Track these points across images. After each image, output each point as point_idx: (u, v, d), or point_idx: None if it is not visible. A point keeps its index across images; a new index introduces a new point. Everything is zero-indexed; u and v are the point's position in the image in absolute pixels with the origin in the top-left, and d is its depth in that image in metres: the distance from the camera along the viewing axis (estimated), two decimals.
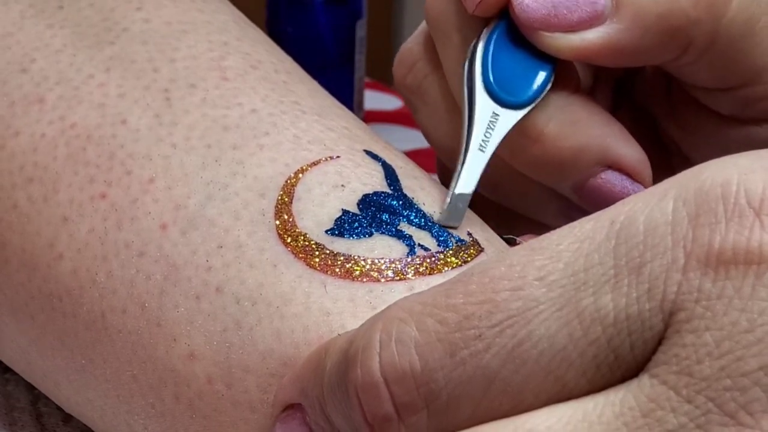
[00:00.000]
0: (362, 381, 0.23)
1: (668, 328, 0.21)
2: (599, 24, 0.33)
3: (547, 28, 0.33)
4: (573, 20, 0.33)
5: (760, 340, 0.20)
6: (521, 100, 0.33)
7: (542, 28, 0.33)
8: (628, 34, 0.33)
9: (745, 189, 0.21)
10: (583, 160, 0.34)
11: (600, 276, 0.22)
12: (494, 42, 0.34)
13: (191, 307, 0.30)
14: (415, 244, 0.30)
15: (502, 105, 0.33)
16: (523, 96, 0.33)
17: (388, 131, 0.78)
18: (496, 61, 0.33)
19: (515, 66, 0.34)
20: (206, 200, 0.31)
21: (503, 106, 0.33)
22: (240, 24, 0.38)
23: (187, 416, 0.30)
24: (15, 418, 0.38)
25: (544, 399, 0.22)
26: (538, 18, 0.33)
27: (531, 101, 0.34)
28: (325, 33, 0.72)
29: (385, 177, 0.32)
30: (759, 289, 0.21)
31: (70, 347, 0.32)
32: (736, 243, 0.21)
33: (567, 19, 0.33)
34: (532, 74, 0.34)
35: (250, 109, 0.33)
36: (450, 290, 0.23)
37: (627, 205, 0.23)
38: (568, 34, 0.33)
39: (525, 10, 0.33)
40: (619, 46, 0.33)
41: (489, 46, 0.34)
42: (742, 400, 0.20)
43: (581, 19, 0.33)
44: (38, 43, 0.35)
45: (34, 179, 0.33)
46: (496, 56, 0.33)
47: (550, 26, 0.33)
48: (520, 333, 0.22)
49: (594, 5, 0.33)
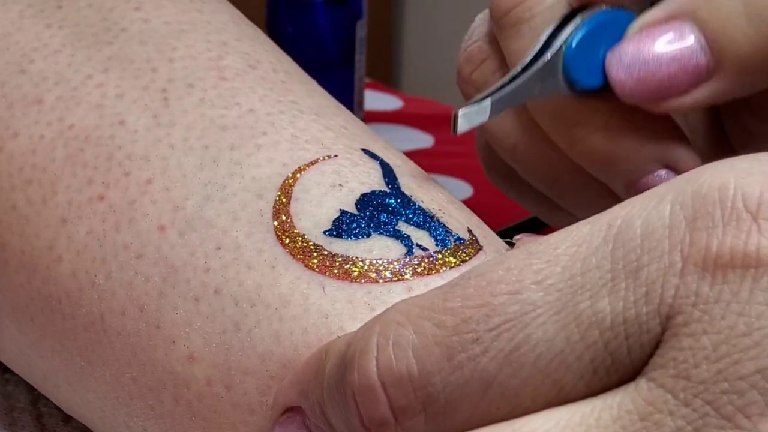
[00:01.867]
0: (359, 384, 0.23)
1: (665, 332, 0.21)
2: (705, 81, 0.33)
3: (651, 104, 0.33)
4: (680, 90, 0.33)
5: (757, 344, 0.20)
6: (586, 84, 0.34)
7: (649, 105, 0.33)
8: (737, 85, 0.33)
9: (743, 193, 0.21)
10: (640, 156, 0.35)
11: (597, 279, 0.22)
12: (588, 27, 0.34)
13: (190, 309, 0.30)
14: (414, 244, 0.30)
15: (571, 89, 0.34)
16: (590, 82, 0.34)
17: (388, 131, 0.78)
18: (578, 47, 0.34)
19: (593, 55, 0.34)
20: (204, 201, 0.31)
21: (569, 87, 0.34)
22: (239, 24, 0.38)
23: (187, 418, 0.30)
24: (15, 419, 0.38)
25: (542, 403, 0.22)
26: (643, 100, 0.33)
27: (596, 88, 0.34)
28: (325, 33, 0.72)
29: (383, 175, 0.32)
30: (756, 292, 0.21)
31: (69, 349, 0.32)
32: (734, 247, 0.21)
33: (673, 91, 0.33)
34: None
35: (248, 108, 0.33)
36: (447, 293, 0.23)
37: (624, 208, 0.23)
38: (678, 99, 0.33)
39: (630, 95, 0.33)
40: (729, 95, 0.33)
41: (583, 27, 0.34)
42: (739, 403, 0.20)
43: (687, 89, 0.33)
44: (37, 44, 0.35)
45: (33, 181, 0.33)
46: (582, 41, 0.34)
47: (656, 103, 0.33)
48: (518, 336, 0.22)
49: (696, 75, 0.33)
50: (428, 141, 0.78)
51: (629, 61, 0.33)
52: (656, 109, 0.33)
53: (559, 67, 0.33)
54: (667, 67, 0.32)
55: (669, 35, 0.33)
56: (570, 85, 0.34)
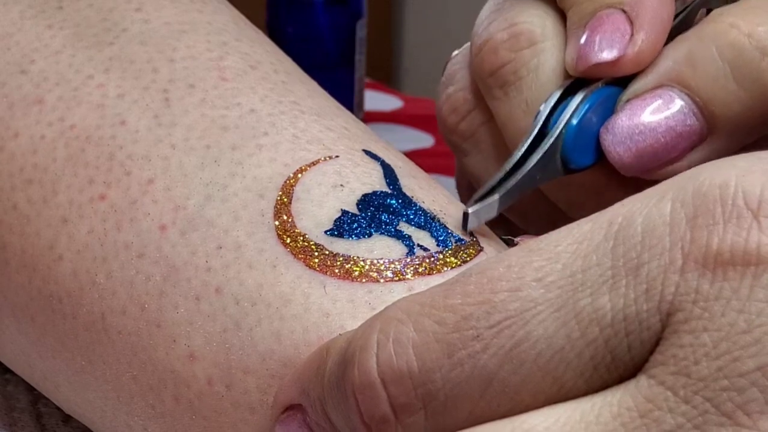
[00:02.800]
0: (359, 381, 0.23)
1: (666, 329, 0.21)
2: (699, 145, 0.33)
3: (652, 174, 0.33)
4: (676, 157, 0.33)
5: (757, 341, 0.20)
6: (581, 164, 0.34)
7: (647, 175, 0.33)
8: (731, 143, 0.33)
9: (743, 191, 0.21)
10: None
11: (598, 277, 0.22)
12: (586, 107, 0.33)
13: (191, 308, 0.30)
14: (415, 244, 0.30)
15: (564, 168, 0.33)
16: (584, 161, 0.34)
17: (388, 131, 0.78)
18: (577, 130, 0.33)
19: (588, 134, 0.33)
20: (205, 201, 0.31)
21: (565, 169, 0.33)
22: (239, 24, 0.38)
23: (187, 417, 0.30)
24: (15, 419, 0.38)
25: (542, 400, 0.22)
26: (641, 171, 0.33)
27: (587, 167, 0.34)
28: (325, 33, 0.73)
29: (384, 176, 0.32)
30: (756, 290, 0.21)
31: (70, 348, 0.32)
32: (734, 244, 0.21)
33: (669, 159, 0.33)
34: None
35: (249, 109, 0.33)
36: (448, 291, 0.23)
37: (625, 206, 0.23)
38: (674, 165, 0.33)
39: (628, 168, 0.33)
40: (724, 153, 0.33)
41: (583, 107, 0.33)
42: (739, 400, 0.20)
43: (681, 155, 0.33)
44: (37, 44, 0.35)
45: (34, 181, 0.33)
46: (581, 121, 0.33)
47: (654, 172, 0.33)
48: (518, 334, 0.22)
49: (690, 140, 0.33)
50: (428, 141, 0.78)
51: (623, 135, 0.33)
52: (653, 177, 0.33)
53: (557, 151, 0.33)
54: (663, 136, 0.32)
55: (657, 103, 0.33)
56: (564, 165, 0.33)
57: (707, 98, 0.32)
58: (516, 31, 0.35)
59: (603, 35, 0.33)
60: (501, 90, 0.36)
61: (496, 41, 0.36)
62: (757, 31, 0.32)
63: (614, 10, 0.33)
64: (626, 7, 0.33)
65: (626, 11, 0.33)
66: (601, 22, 0.33)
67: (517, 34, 0.35)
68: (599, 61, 0.33)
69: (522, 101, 0.35)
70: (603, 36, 0.33)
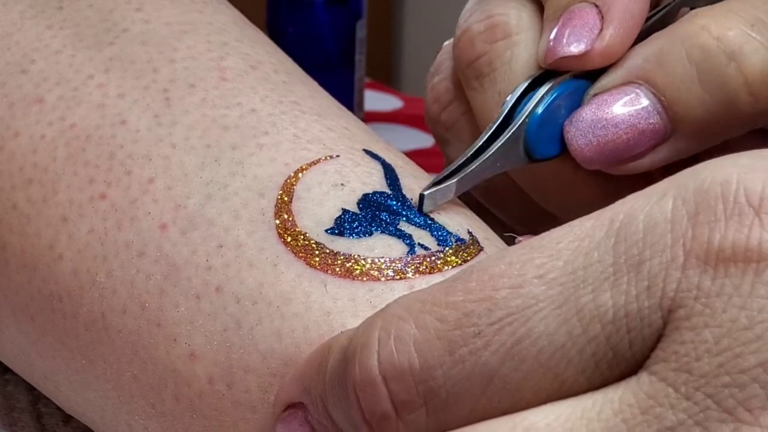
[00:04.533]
0: (360, 379, 0.23)
1: (667, 326, 0.21)
2: (662, 143, 0.33)
3: (611, 168, 0.33)
4: (637, 154, 0.33)
5: (759, 337, 0.20)
6: (545, 154, 0.34)
7: (608, 169, 0.33)
8: (693, 145, 0.33)
9: (745, 188, 0.22)
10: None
11: (599, 274, 0.22)
12: (551, 99, 0.33)
13: (191, 307, 0.30)
14: (415, 243, 0.30)
15: (529, 157, 0.33)
16: (548, 151, 0.34)
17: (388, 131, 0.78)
18: (540, 120, 0.33)
19: (552, 125, 0.34)
20: (206, 200, 0.31)
21: (529, 158, 0.33)
22: (240, 24, 0.38)
23: (188, 416, 0.30)
24: (15, 419, 0.38)
25: (543, 397, 0.22)
26: (601, 165, 0.33)
27: (552, 157, 0.34)
28: (325, 33, 0.73)
29: (385, 176, 0.32)
30: (758, 286, 0.21)
31: (70, 348, 0.32)
32: (736, 241, 0.21)
33: (630, 155, 0.33)
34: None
35: (249, 109, 0.33)
36: (449, 288, 0.23)
37: (626, 203, 0.23)
38: (635, 162, 0.33)
39: (589, 161, 0.33)
40: (685, 155, 0.33)
41: (548, 98, 0.33)
42: (740, 396, 0.20)
43: (644, 152, 0.33)
44: (38, 44, 0.35)
45: (34, 180, 0.33)
46: (544, 112, 0.33)
47: (615, 167, 0.33)
48: (520, 330, 0.22)
49: (652, 139, 0.33)
50: (428, 141, 0.78)
51: (586, 128, 0.33)
52: (615, 171, 0.34)
53: (520, 140, 0.33)
54: (625, 132, 0.33)
55: (624, 99, 0.33)
56: (528, 154, 0.33)
57: (672, 98, 0.32)
58: (492, 23, 0.36)
59: (572, 29, 0.33)
60: (477, 81, 0.36)
61: (473, 32, 0.36)
62: (727, 35, 0.32)
63: (587, 4, 0.34)
64: (598, 1, 0.33)
65: (598, 6, 0.33)
66: (572, 15, 0.34)
67: (493, 26, 0.36)
68: (566, 54, 0.33)
69: (495, 92, 0.35)
70: (572, 30, 0.33)
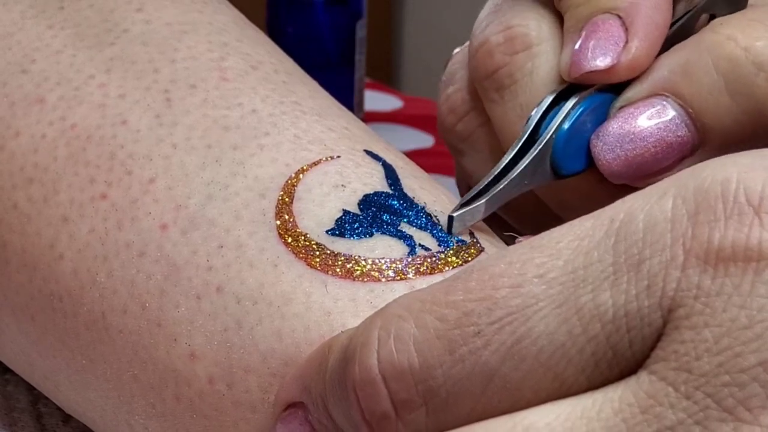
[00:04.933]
0: (360, 378, 0.23)
1: (667, 325, 0.21)
2: (690, 156, 0.33)
3: (641, 182, 0.33)
4: (665, 167, 0.33)
5: (758, 337, 0.20)
6: (571, 170, 0.33)
7: (636, 183, 0.33)
8: (723, 155, 0.33)
9: (745, 187, 0.22)
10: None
11: (599, 273, 0.22)
12: (578, 113, 0.33)
13: (192, 307, 0.30)
14: (416, 244, 0.30)
15: (555, 173, 0.33)
16: (575, 167, 0.33)
17: (388, 131, 0.78)
18: (567, 136, 0.33)
19: (579, 140, 0.33)
20: (207, 200, 0.31)
21: (555, 174, 0.33)
22: (240, 25, 0.38)
23: (188, 416, 0.30)
24: (15, 419, 0.38)
25: (543, 396, 0.22)
26: (629, 179, 0.33)
27: (579, 172, 0.33)
28: (325, 33, 0.73)
29: (386, 177, 0.32)
30: (758, 285, 0.21)
31: (70, 347, 0.32)
32: (736, 240, 0.21)
33: (658, 168, 0.33)
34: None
35: (250, 109, 0.33)
36: (449, 287, 0.23)
37: (627, 203, 0.23)
38: (663, 175, 0.33)
39: (617, 175, 0.33)
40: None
41: (574, 113, 0.33)
42: (740, 395, 0.20)
43: (671, 165, 0.33)
44: (38, 44, 0.35)
45: (35, 180, 0.33)
46: (572, 126, 0.33)
47: (642, 180, 0.33)
48: (520, 330, 0.22)
49: (680, 151, 0.32)
50: (428, 141, 0.78)
51: (614, 142, 0.32)
52: (642, 185, 0.33)
53: (547, 157, 0.33)
54: (653, 146, 0.32)
55: (650, 112, 0.32)
56: (554, 170, 0.33)
57: (700, 110, 0.32)
58: (511, 34, 0.35)
59: (597, 42, 0.33)
60: (497, 93, 0.35)
61: (492, 44, 0.36)
62: (755, 45, 0.31)
63: (610, 15, 0.33)
64: (622, 13, 0.33)
65: (622, 17, 0.33)
66: (596, 28, 0.33)
67: (512, 38, 0.35)
68: (592, 69, 0.33)
69: (517, 105, 0.35)
70: (597, 42, 0.33)
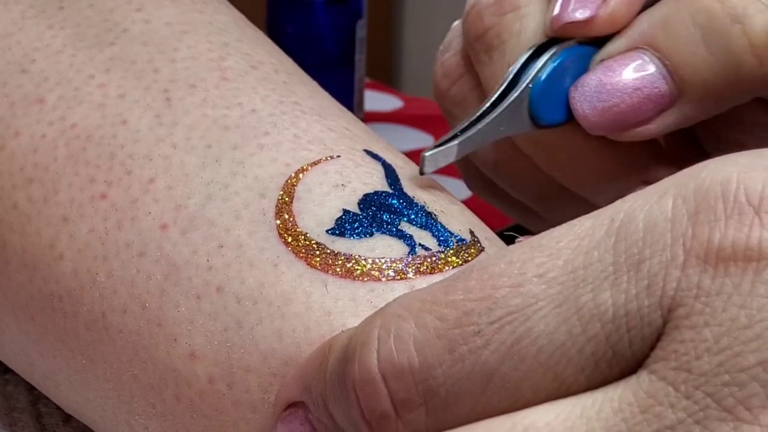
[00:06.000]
0: (360, 377, 0.23)
1: (667, 324, 0.21)
2: (668, 109, 0.33)
3: (617, 134, 0.33)
4: (644, 119, 0.33)
5: (758, 336, 0.20)
6: (550, 120, 0.34)
7: (612, 134, 0.33)
8: (700, 109, 0.33)
9: (745, 187, 0.22)
10: (623, 179, 0.35)
11: (599, 273, 0.22)
12: (555, 64, 0.33)
13: (192, 307, 0.30)
14: (416, 243, 0.30)
15: (534, 123, 0.33)
16: (554, 117, 0.34)
17: (388, 131, 0.78)
18: (544, 85, 0.33)
19: (557, 91, 0.34)
20: (207, 200, 0.31)
21: (534, 124, 0.33)
22: (240, 25, 0.38)
23: (188, 416, 0.30)
24: (15, 419, 0.38)
25: (543, 396, 0.22)
26: (607, 130, 0.33)
27: (559, 123, 0.34)
28: (325, 33, 0.73)
29: (386, 176, 0.32)
30: (758, 285, 0.21)
31: (70, 347, 0.32)
32: (736, 240, 0.21)
33: (637, 121, 0.33)
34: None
35: (250, 109, 0.33)
36: (449, 287, 0.23)
37: (627, 202, 0.23)
38: (642, 127, 0.33)
39: (594, 127, 0.33)
40: (693, 120, 0.33)
41: (552, 63, 0.33)
42: (740, 395, 0.20)
43: (650, 117, 0.33)
44: (38, 44, 0.35)
45: (35, 180, 0.33)
46: (549, 77, 0.33)
47: (622, 133, 0.33)
48: (519, 329, 0.22)
49: (659, 103, 0.33)
50: (428, 141, 0.78)
51: (591, 94, 0.33)
52: (622, 138, 0.34)
53: (525, 105, 0.33)
54: (630, 97, 0.33)
55: (630, 65, 0.33)
56: (534, 120, 0.34)
57: (678, 63, 0.32)
58: None
59: None
60: (486, 54, 0.36)
61: (482, 5, 0.36)
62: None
63: None
64: None
65: None
66: None
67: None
68: (571, 20, 0.33)
69: (504, 64, 0.35)
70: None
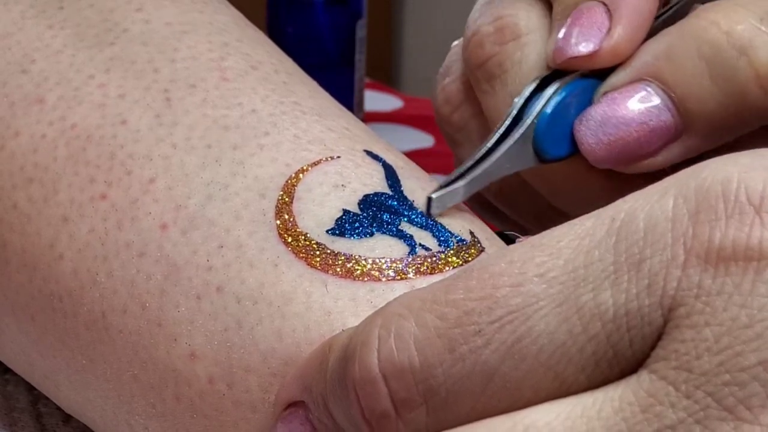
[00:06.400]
0: (360, 377, 0.23)
1: (667, 324, 0.21)
2: (674, 141, 0.33)
3: (623, 167, 0.33)
4: (649, 152, 0.33)
5: (759, 336, 0.20)
6: (555, 155, 0.33)
7: (621, 168, 0.33)
8: (706, 141, 0.33)
9: (746, 186, 0.22)
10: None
11: (600, 272, 0.22)
12: (560, 98, 0.33)
13: (192, 307, 0.30)
14: (416, 243, 0.30)
15: (539, 158, 0.33)
16: (559, 151, 0.33)
17: (388, 131, 0.78)
18: (550, 120, 0.33)
19: (562, 125, 0.33)
20: (207, 200, 0.31)
21: (539, 159, 0.33)
22: (240, 25, 0.38)
23: (188, 416, 0.30)
24: (15, 419, 0.38)
25: (543, 395, 0.22)
26: (613, 164, 0.33)
27: (564, 157, 0.34)
28: (325, 33, 0.73)
29: (386, 177, 0.32)
30: (759, 285, 0.21)
31: (70, 347, 0.32)
32: (736, 240, 0.21)
33: (643, 154, 0.33)
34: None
35: (250, 109, 0.33)
36: (450, 286, 0.23)
37: (627, 202, 0.23)
38: (648, 160, 0.33)
39: (600, 160, 0.33)
40: (698, 151, 0.33)
41: (556, 97, 0.33)
42: (740, 395, 0.20)
43: (656, 150, 0.33)
44: (38, 44, 0.35)
45: (35, 180, 0.33)
46: (553, 112, 0.33)
47: (627, 166, 0.33)
48: (520, 329, 0.22)
49: (664, 136, 0.33)
50: (428, 141, 0.78)
51: (596, 127, 0.33)
52: (628, 170, 0.33)
53: (530, 141, 0.33)
54: (635, 130, 0.32)
55: (635, 97, 0.33)
56: (539, 155, 0.33)
57: (683, 95, 0.32)
58: (501, 24, 0.36)
59: (581, 28, 0.33)
60: (487, 83, 0.36)
61: (483, 34, 0.36)
62: (736, 29, 0.32)
63: (595, 3, 0.34)
64: (607, 0, 0.33)
65: (606, 4, 0.33)
66: (580, 15, 0.34)
67: (502, 28, 0.36)
68: (575, 54, 0.33)
69: (506, 94, 0.35)
70: (581, 29, 0.33)
